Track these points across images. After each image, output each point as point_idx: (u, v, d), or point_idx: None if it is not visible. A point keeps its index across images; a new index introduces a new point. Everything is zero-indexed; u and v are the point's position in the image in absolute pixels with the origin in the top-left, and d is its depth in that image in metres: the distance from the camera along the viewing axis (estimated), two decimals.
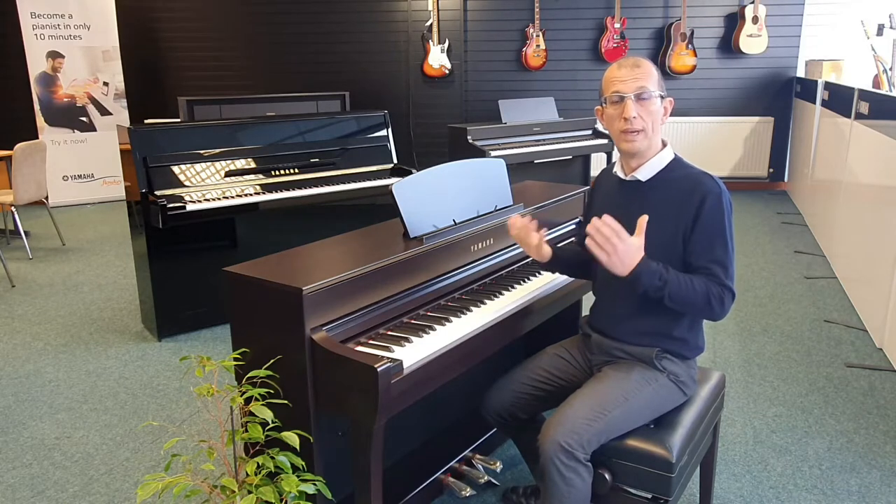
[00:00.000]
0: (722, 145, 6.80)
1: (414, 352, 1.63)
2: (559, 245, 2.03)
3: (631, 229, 1.66)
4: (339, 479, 1.81)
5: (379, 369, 1.48)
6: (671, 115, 1.80)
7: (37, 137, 6.65)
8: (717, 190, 1.68)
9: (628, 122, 1.70)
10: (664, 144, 1.80)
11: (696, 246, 1.69)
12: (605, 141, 5.95)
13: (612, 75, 1.74)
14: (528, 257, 2.33)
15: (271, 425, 1.55)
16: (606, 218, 1.59)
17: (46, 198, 5.26)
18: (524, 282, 2.11)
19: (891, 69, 5.48)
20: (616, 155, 1.88)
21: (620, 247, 1.58)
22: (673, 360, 1.79)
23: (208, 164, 3.57)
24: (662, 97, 1.74)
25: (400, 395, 1.56)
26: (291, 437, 1.53)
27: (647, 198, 1.76)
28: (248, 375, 1.63)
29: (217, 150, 3.62)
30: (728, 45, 6.67)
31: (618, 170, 1.85)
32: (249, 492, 1.52)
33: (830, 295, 4.00)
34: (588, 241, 1.61)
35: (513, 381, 1.95)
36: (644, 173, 1.77)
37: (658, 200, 1.74)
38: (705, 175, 1.72)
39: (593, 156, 6.40)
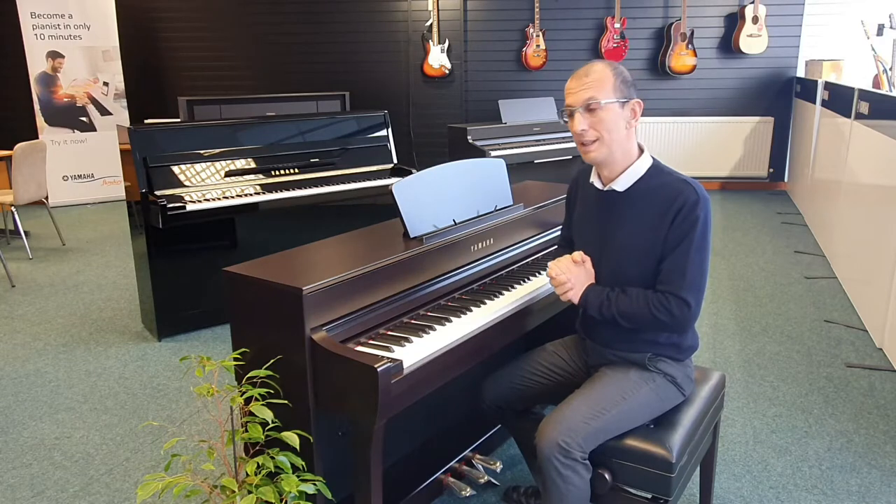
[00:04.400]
0: (722, 145, 6.80)
1: (414, 352, 1.63)
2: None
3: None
4: (339, 479, 1.81)
5: (379, 369, 1.48)
6: (671, 115, 1.82)
7: (37, 137, 6.65)
8: (693, 198, 1.66)
9: (579, 136, 1.70)
10: (641, 150, 1.76)
11: (664, 253, 1.69)
12: None
13: (566, 87, 1.72)
14: (527, 257, 2.33)
15: (271, 425, 1.55)
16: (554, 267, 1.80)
17: (46, 198, 5.26)
18: (524, 282, 2.11)
19: (891, 69, 5.48)
20: None
21: (575, 283, 1.78)
22: (667, 361, 1.79)
23: (208, 164, 3.57)
24: (625, 101, 1.69)
25: (400, 396, 1.56)
26: (291, 437, 1.53)
27: (625, 209, 1.75)
28: (248, 375, 1.63)
29: (217, 150, 3.62)
30: (728, 45, 6.67)
31: (594, 179, 1.83)
32: (249, 492, 1.52)
33: (830, 295, 4.00)
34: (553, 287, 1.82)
35: (511, 372, 1.98)
36: (621, 184, 1.75)
37: (637, 211, 1.72)
38: (684, 183, 1.69)
39: None
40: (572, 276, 1.78)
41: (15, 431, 2.73)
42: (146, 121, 5.59)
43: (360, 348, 1.64)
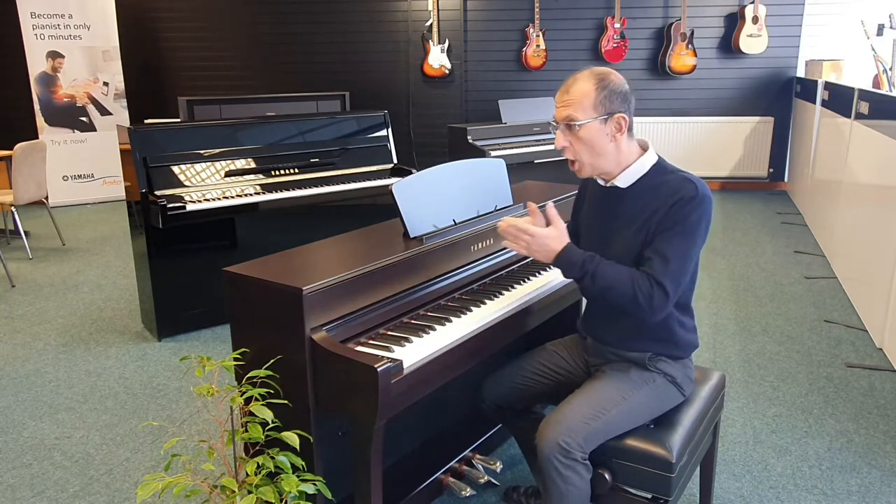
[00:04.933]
0: (722, 145, 6.80)
1: (414, 352, 1.63)
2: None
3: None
4: (339, 479, 1.81)
5: (379, 369, 1.48)
6: (671, 115, 1.80)
7: (37, 137, 6.65)
8: (691, 193, 1.63)
9: (561, 151, 1.72)
10: (644, 149, 1.75)
11: (651, 239, 1.67)
12: None
13: (556, 98, 1.72)
14: (527, 257, 2.33)
15: (271, 425, 1.55)
16: (508, 219, 1.73)
17: (46, 198, 5.25)
18: (524, 282, 2.11)
19: (891, 69, 5.49)
20: None
21: (533, 241, 1.69)
22: (667, 361, 1.79)
23: (208, 164, 3.57)
24: (607, 118, 1.66)
25: (400, 395, 1.56)
26: (291, 437, 1.53)
27: (627, 204, 1.74)
28: (248, 375, 1.63)
29: (217, 150, 3.62)
30: (728, 45, 6.67)
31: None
32: (249, 492, 1.52)
33: (830, 295, 4.00)
34: (504, 243, 1.75)
35: (511, 372, 1.98)
36: (624, 181, 1.74)
37: (638, 206, 1.71)
38: (686, 180, 1.67)
39: None
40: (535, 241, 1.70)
41: (15, 431, 2.73)
42: (146, 121, 5.60)
43: (360, 348, 1.64)
